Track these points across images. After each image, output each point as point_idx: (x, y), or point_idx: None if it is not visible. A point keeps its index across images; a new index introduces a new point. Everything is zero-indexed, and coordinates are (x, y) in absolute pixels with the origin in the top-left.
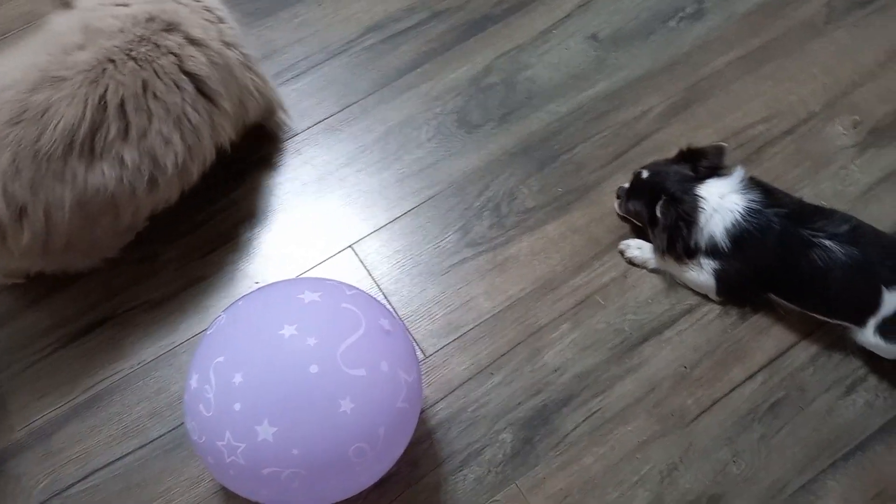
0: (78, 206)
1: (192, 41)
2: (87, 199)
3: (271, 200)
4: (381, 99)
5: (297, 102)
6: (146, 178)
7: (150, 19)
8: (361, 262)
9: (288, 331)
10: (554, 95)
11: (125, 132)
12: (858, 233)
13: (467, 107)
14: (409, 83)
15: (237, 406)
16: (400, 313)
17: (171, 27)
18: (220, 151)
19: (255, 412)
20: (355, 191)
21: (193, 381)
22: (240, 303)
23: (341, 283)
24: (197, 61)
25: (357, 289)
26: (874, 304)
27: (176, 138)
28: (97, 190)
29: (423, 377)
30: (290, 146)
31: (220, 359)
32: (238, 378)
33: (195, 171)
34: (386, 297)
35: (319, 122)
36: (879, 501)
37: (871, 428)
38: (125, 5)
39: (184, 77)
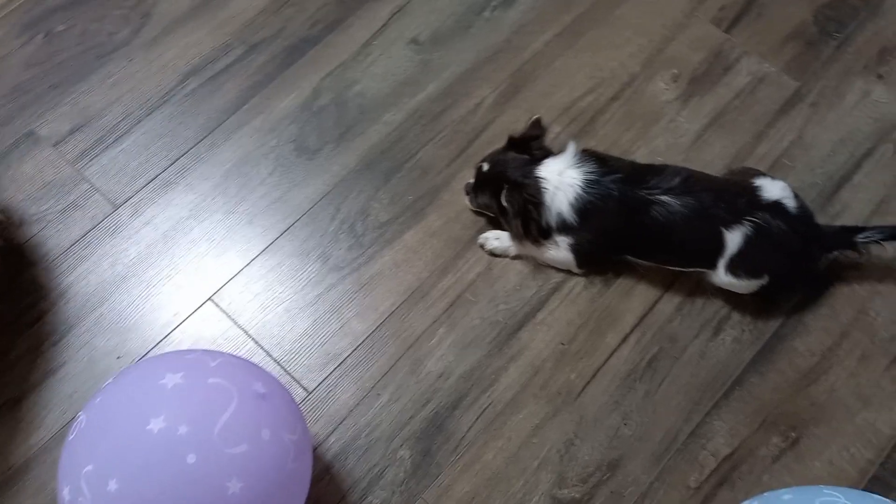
0: None
1: None
2: None
3: (118, 269)
4: (213, 143)
5: (125, 164)
6: None
7: None
8: (224, 312)
9: (156, 424)
10: (387, 105)
11: None
12: (691, 182)
13: (303, 133)
14: (239, 121)
15: None
16: (274, 355)
17: None
18: None
19: None
20: (204, 241)
21: (66, 493)
22: (98, 399)
23: (204, 352)
24: None
25: (222, 355)
26: (719, 246)
27: None
28: None
29: (309, 413)
30: (127, 210)
31: (89, 467)
32: (113, 485)
33: None
34: (256, 343)
35: (153, 179)
36: (764, 429)
37: (743, 362)
38: None
39: None
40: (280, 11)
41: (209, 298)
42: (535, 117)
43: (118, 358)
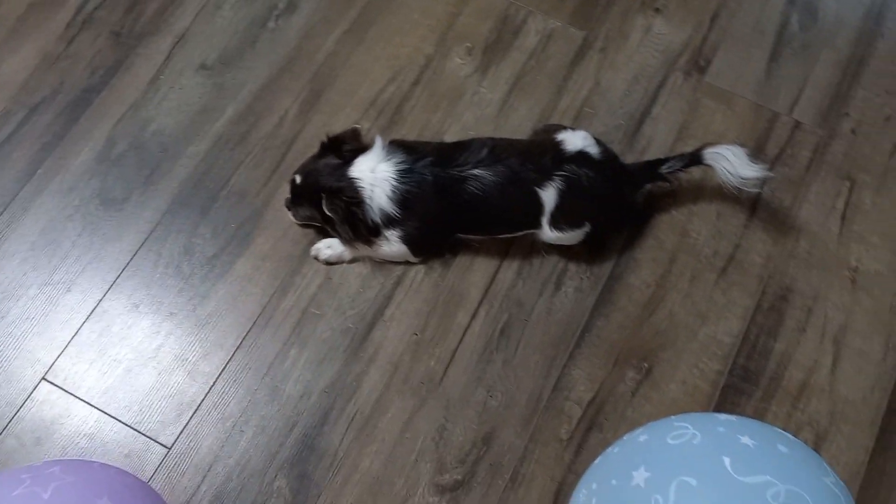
0: None
1: None
2: None
3: None
4: (12, 217)
5: None
6: None
7: None
8: (61, 388)
9: None
10: (188, 138)
11: None
12: (497, 150)
13: (106, 185)
14: (35, 189)
15: None
16: (124, 420)
17: None
18: None
19: None
20: (24, 321)
21: None
22: None
23: (33, 480)
24: None
25: (54, 476)
26: (537, 206)
27: None
28: None
29: (173, 469)
30: None
31: None
32: None
33: None
34: (103, 412)
35: None
36: (618, 367)
37: (587, 308)
38: None
39: None
40: (54, 66)
41: (42, 378)
42: (354, 126)
43: None
